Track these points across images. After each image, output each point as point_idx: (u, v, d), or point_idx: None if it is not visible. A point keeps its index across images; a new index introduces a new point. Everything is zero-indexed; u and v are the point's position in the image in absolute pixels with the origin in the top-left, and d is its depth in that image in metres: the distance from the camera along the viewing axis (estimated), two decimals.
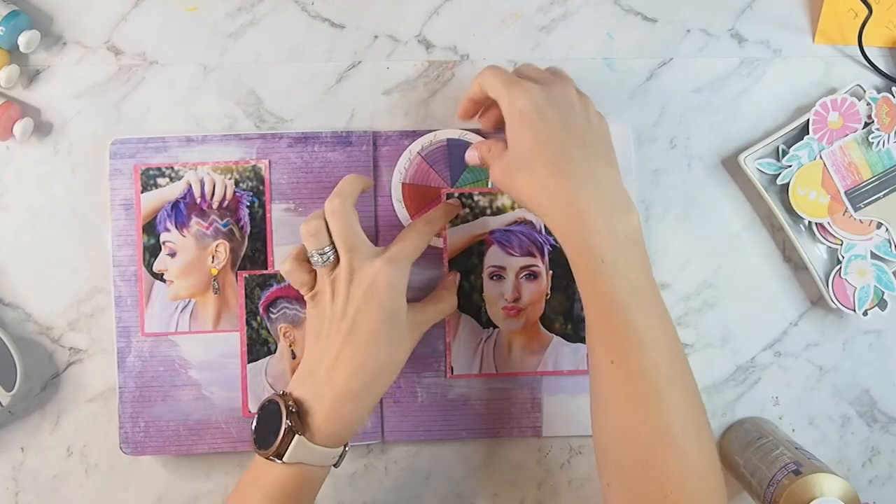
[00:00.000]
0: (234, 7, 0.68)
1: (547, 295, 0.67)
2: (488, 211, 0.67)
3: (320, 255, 0.59)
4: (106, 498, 0.68)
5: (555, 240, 0.66)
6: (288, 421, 0.56)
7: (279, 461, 0.56)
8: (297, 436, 0.56)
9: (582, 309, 0.66)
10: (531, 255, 0.67)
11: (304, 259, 0.60)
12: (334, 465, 0.59)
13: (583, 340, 0.67)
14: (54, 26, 0.67)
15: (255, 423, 0.58)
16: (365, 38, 0.68)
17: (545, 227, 0.67)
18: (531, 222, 0.67)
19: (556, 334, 0.67)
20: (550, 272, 0.67)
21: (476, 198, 0.67)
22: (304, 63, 0.68)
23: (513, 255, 0.67)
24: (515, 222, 0.67)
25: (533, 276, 0.67)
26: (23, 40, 0.65)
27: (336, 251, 0.59)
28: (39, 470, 0.68)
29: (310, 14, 0.68)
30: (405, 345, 0.60)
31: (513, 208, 0.67)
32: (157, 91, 0.68)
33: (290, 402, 0.57)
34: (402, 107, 0.68)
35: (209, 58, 0.68)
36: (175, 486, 0.68)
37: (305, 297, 0.61)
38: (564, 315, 0.67)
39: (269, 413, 0.57)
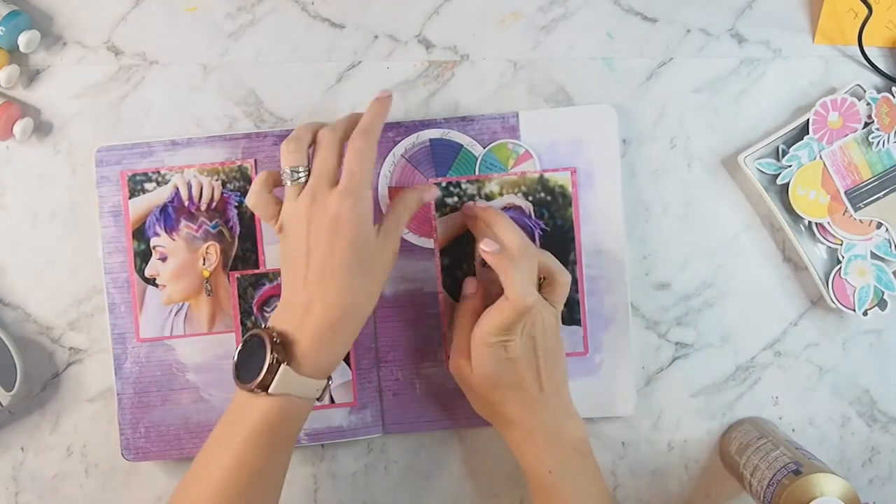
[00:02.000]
0: (234, 7, 0.68)
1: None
2: (477, 198, 0.67)
3: (294, 172, 0.58)
4: (106, 498, 0.68)
5: (545, 223, 0.67)
6: (273, 353, 0.55)
7: (264, 393, 0.55)
8: (282, 366, 0.55)
9: (577, 291, 0.66)
10: None
11: (270, 189, 0.59)
12: (318, 399, 0.58)
13: (578, 323, 0.67)
14: (54, 26, 0.67)
15: (236, 358, 0.57)
16: (365, 38, 0.68)
17: (534, 211, 0.67)
18: (520, 207, 0.67)
19: None
20: None
21: (464, 186, 0.67)
22: (304, 63, 0.68)
23: None
24: (505, 208, 0.67)
25: None
26: (23, 40, 0.65)
27: (308, 175, 0.58)
28: (39, 470, 0.68)
29: (310, 14, 0.68)
30: (381, 265, 0.59)
31: (501, 194, 0.67)
32: (157, 91, 0.68)
33: (273, 335, 0.56)
34: (402, 107, 0.68)
35: (209, 58, 0.68)
36: (175, 487, 0.68)
37: (274, 230, 0.60)
38: None
39: (251, 347, 0.56)
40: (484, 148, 0.67)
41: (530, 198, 0.67)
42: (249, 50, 0.68)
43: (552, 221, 0.67)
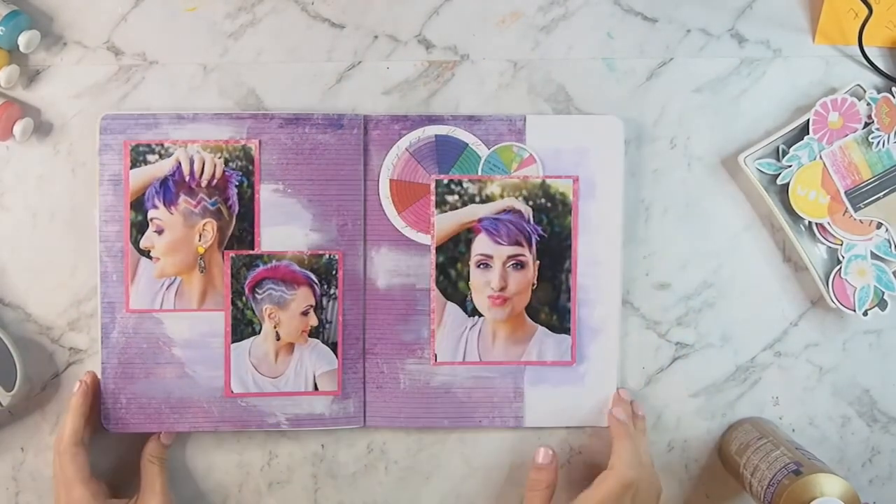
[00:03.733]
0: (234, 7, 0.68)
1: (533, 285, 0.67)
2: (477, 198, 0.67)
3: None
4: None
5: (543, 229, 0.67)
6: None
7: None
8: None
9: (568, 300, 0.66)
10: (518, 244, 0.67)
11: None
12: None
13: (567, 332, 0.67)
14: (54, 26, 0.67)
15: None
16: (365, 38, 0.68)
17: (533, 216, 0.67)
18: (519, 211, 0.67)
19: (541, 325, 0.67)
20: (537, 262, 0.67)
21: (465, 185, 0.67)
22: (304, 63, 0.68)
23: (500, 243, 0.67)
24: (504, 210, 0.67)
25: (520, 265, 0.67)
26: (23, 40, 0.65)
27: None
28: (39, 470, 0.68)
29: (310, 14, 0.68)
30: None
31: (502, 196, 0.67)
32: (157, 91, 0.68)
33: None
34: (402, 107, 0.68)
35: (209, 58, 0.68)
36: (174, 487, 0.68)
37: None
38: (550, 306, 0.67)
39: None
40: (489, 149, 0.67)
41: (530, 203, 0.67)
42: (249, 50, 0.68)
43: (550, 228, 0.67)
